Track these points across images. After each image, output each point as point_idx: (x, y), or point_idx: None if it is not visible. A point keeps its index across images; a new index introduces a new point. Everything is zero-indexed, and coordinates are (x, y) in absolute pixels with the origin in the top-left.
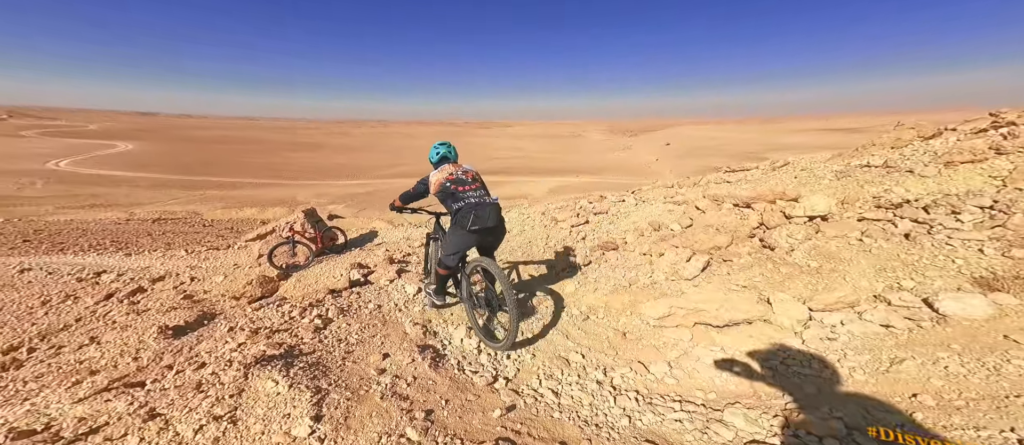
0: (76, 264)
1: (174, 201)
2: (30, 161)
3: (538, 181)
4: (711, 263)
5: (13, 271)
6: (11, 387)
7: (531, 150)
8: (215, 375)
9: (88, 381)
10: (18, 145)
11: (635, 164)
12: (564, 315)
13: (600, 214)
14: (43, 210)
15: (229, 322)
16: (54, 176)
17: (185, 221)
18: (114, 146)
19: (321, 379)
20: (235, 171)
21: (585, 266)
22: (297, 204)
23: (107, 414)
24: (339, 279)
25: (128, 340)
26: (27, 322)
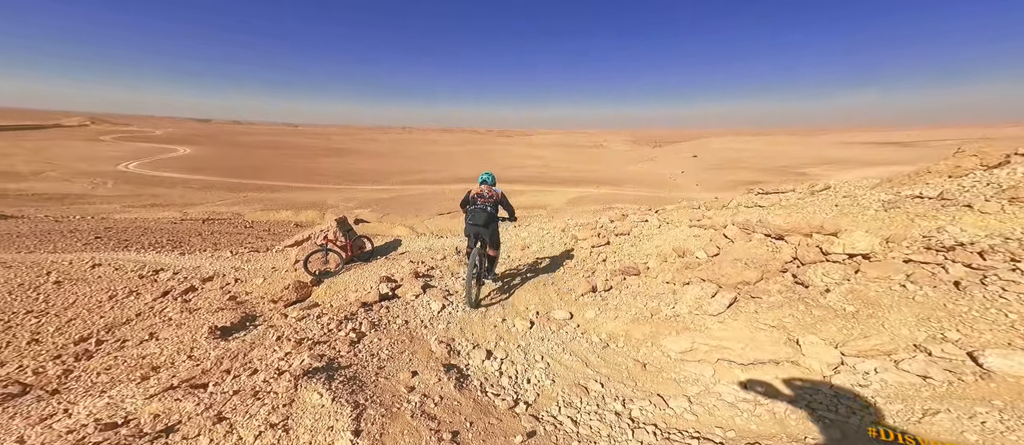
0: (138, 261)
1: (221, 202)
2: (104, 163)
3: (557, 191)
4: (738, 299)
5: (86, 266)
6: (85, 377)
7: (551, 159)
8: (267, 383)
9: (153, 378)
10: (96, 148)
11: (658, 176)
12: (583, 341)
13: (622, 235)
14: (112, 208)
15: (276, 331)
16: (123, 177)
17: (230, 222)
18: (174, 150)
19: (358, 393)
20: (275, 175)
21: (605, 291)
22: (327, 207)
23: (179, 414)
24: (370, 292)
25: (183, 338)
26: (96, 315)
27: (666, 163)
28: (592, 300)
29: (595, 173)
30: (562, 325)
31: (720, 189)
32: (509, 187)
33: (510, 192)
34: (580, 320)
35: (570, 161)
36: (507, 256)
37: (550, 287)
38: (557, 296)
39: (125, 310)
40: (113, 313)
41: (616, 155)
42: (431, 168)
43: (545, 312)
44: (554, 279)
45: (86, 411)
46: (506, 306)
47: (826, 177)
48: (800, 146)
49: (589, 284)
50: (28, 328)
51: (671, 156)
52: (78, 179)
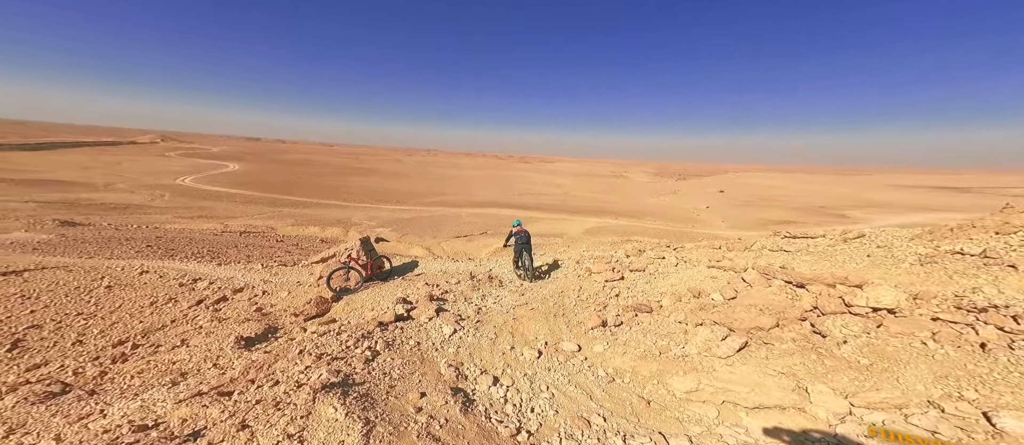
0: (181, 270)
1: (259, 216)
2: (165, 177)
3: (575, 220)
4: (750, 344)
5: (135, 272)
6: (119, 380)
7: (569, 188)
8: (288, 394)
9: (182, 383)
10: (161, 164)
11: (680, 210)
12: (589, 374)
13: (637, 271)
14: (165, 218)
15: (299, 345)
16: (178, 190)
17: (263, 235)
18: (226, 166)
19: (370, 410)
20: (306, 192)
21: (616, 326)
22: (351, 225)
23: (205, 419)
24: (386, 312)
25: (210, 346)
26: (136, 319)
27: (689, 197)
28: (602, 334)
29: (614, 204)
30: (570, 357)
31: (747, 227)
32: (527, 213)
33: (529, 219)
34: (588, 353)
35: (589, 190)
36: (520, 284)
37: (561, 318)
38: (567, 328)
39: (162, 316)
40: (151, 318)
41: (637, 186)
42: (450, 191)
43: (554, 343)
44: (565, 310)
45: (120, 412)
46: (515, 333)
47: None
48: (841, 185)
49: (599, 318)
50: (76, 329)
51: (695, 190)
52: (140, 191)
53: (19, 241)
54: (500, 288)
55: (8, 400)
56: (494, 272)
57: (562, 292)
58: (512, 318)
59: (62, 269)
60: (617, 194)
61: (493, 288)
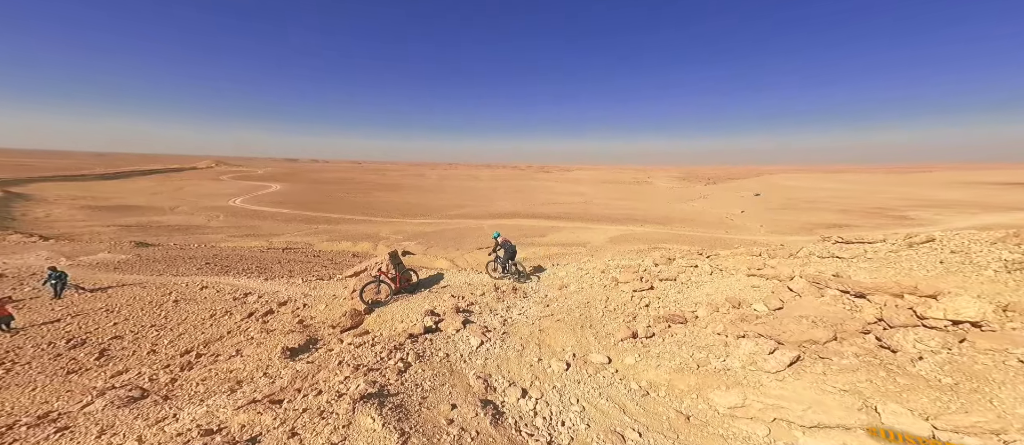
0: (234, 285)
1: (298, 233)
2: (220, 199)
3: (597, 229)
4: (803, 358)
5: (197, 288)
6: (187, 387)
7: (591, 195)
8: (330, 404)
9: (239, 391)
10: (216, 187)
11: (712, 216)
12: (621, 387)
13: (667, 281)
14: (220, 238)
15: (338, 355)
16: (230, 211)
17: (302, 251)
18: (269, 187)
19: (404, 421)
20: (339, 208)
21: (647, 338)
22: (380, 239)
23: (260, 426)
24: (416, 324)
25: (261, 356)
26: (198, 330)
27: (721, 201)
28: (632, 346)
29: (639, 211)
30: (599, 369)
31: (789, 232)
32: (548, 223)
33: (551, 229)
34: (619, 365)
35: (612, 198)
36: (544, 295)
37: (588, 330)
38: (595, 339)
39: (220, 327)
40: (211, 329)
41: (662, 192)
42: (471, 203)
43: (582, 355)
44: (592, 321)
45: (190, 417)
46: (542, 345)
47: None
48: (898, 184)
49: (629, 329)
50: (150, 340)
51: (727, 194)
52: (199, 213)
53: (103, 261)
54: (524, 299)
55: (98, 403)
56: (517, 283)
57: (588, 303)
58: (538, 329)
59: (138, 285)
60: (641, 201)
61: (517, 299)
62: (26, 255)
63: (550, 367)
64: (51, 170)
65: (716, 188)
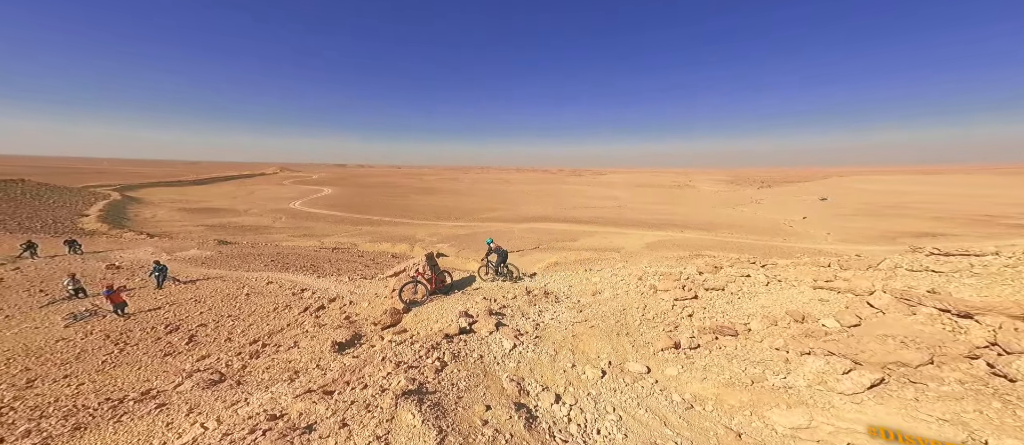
0: (293, 281)
1: (345, 234)
2: (282, 202)
3: (633, 234)
4: (888, 381)
5: (264, 283)
6: (255, 374)
7: (627, 200)
8: (375, 398)
9: (297, 380)
10: (279, 191)
11: (766, 222)
12: (661, 398)
13: (714, 290)
14: (281, 237)
15: (381, 352)
16: (290, 213)
17: (348, 251)
18: (322, 191)
19: (442, 419)
20: (380, 211)
21: (691, 349)
22: (416, 241)
23: (315, 415)
24: (451, 324)
25: (314, 349)
26: (264, 322)
27: (778, 206)
28: (674, 357)
29: (679, 216)
30: (638, 378)
31: (865, 241)
32: (579, 227)
33: (580, 233)
34: (659, 376)
35: (649, 202)
36: (577, 301)
37: (624, 338)
38: (632, 348)
39: (280, 320)
40: (274, 322)
41: (705, 196)
42: (502, 207)
43: (618, 363)
44: (628, 329)
45: (258, 402)
46: (576, 351)
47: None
48: (1011, 187)
49: (671, 339)
50: (227, 328)
51: (786, 198)
52: (266, 215)
53: (193, 257)
54: (556, 304)
55: (186, 385)
56: (549, 287)
57: (624, 310)
58: (571, 335)
59: (219, 279)
60: (683, 205)
61: (550, 304)
62: (137, 250)
63: (584, 374)
64: (155, 177)
65: (771, 192)
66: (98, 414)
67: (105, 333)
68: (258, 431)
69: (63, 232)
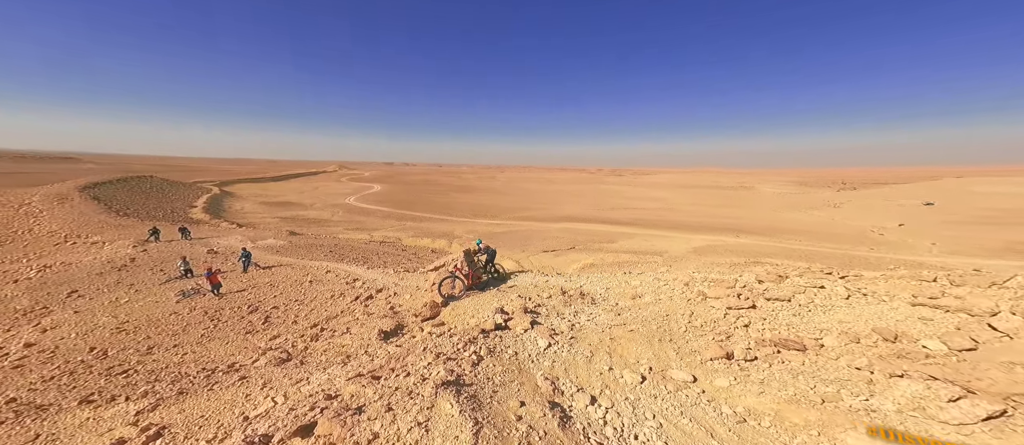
0: (347, 271)
1: (391, 229)
2: (340, 197)
3: (677, 237)
4: (1011, 414)
5: (323, 271)
6: (314, 356)
7: (673, 201)
8: (416, 386)
9: (349, 364)
10: (338, 187)
11: (846, 229)
12: (709, 409)
13: (776, 300)
14: (338, 230)
15: (422, 342)
16: (345, 208)
17: (393, 245)
18: (372, 188)
19: (478, 411)
20: (422, 207)
21: (747, 361)
22: (454, 238)
23: (364, 398)
24: (487, 320)
25: (363, 336)
26: (323, 308)
27: (862, 211)
28: (725, 367)
29: (735, 219)
30: (681, 387)
31: (983, 255)
32: (618, 229)
33: (619, 235)
34: (706, 386)
35: (699, 204)
36: (615, 304)
37: (667, 344)
38: (676, 355)
39: (336, 307)
40: (330, 308)
41: (767, 199)
42: (539, 206)
43: (660, 369)
44: (672, 336)
45: (317, 382)
46: (613, 354)
47: None
48: None
49: (722, 349)
50: (293, 312)
51: (873, 201)
52: (327, 209)
53: (270, 245)
54: (593, 306)
55: (261, 361)
56: (585, 289)
57: (667, 316)
58: (609, 338)
59: (289, 266)
60: (739, 208)
61: (585, 305)
62: (229, 237)
63: (622, 377)
64: (243, 174)
65: (855, 195)
66: (196, 381)
67: (204, 309)
68: (317, 409)
69: (178, 220)
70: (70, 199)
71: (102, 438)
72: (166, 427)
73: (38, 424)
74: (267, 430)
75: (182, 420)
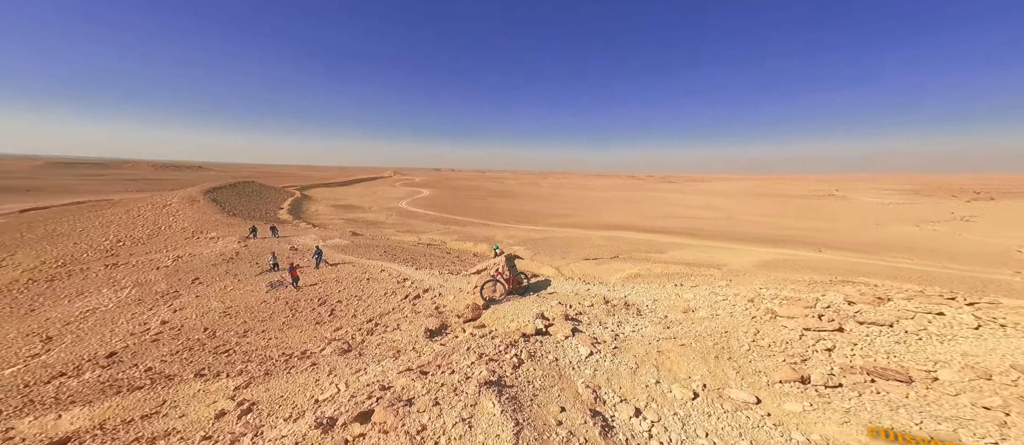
0: (398, 271)
1: (436, 232)
2: (393, 201)
3: (740, 250)
4: None
5: (378, 270)
6: (370, 349)
7: (735, 210)
8: (461, 383)
9: (400, 358)
10: (392, 191)
11: (980, 247)
12: (776, 434)
13: (873, 325)
14: (391, 232)
15: (466, 342)
16: (398, 211)
17: (438, 247)
18: (421, 192)
19: (518, 413)
20: (465, 212)
21: (827, 387)
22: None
23: (413, 391)
24: (528, 324)
25: (411, 333)
26: (378, 304)
27: (1004, 227)
28: (799, 392)
29: (817, 232)
30: (742, 407)
31: None
32: (669, 239)
33: (669, 245)
34: (772, 409)
35: (769, 214)
36: (664, 316)
37: (725, 362)
38: (736, 374)
39: (388, 304)
40: (383, 305)
41: (863, 209)
42: (580, 213)
43: (715, 387)
44: (731, 354)
45: (373, 373)
46: (661, 368)
47: None
48: None
49: (795, 372)
50: (353, 307)
51: (1020, 215)
52: (381, 212)
53: (336, 244)
54: (639, 317)
55: (327, 350)
56: (631, 299)
57: (726, 332)
58: (656, 351)
59: (350, 264)
60: (824, 220)
61: (630, 316)
62: (305, 237)
63: (671, 392)
64: (318, 179)
65: (993, 207)
66: (277, 364)
67: (285, 300)
68: (373, 398)
69: (269, 220)
70: (197, 201)
71: (209, 408)
72: (255, 404)
73: (165, 391)
74: (333, 413)
75: (267, 398)
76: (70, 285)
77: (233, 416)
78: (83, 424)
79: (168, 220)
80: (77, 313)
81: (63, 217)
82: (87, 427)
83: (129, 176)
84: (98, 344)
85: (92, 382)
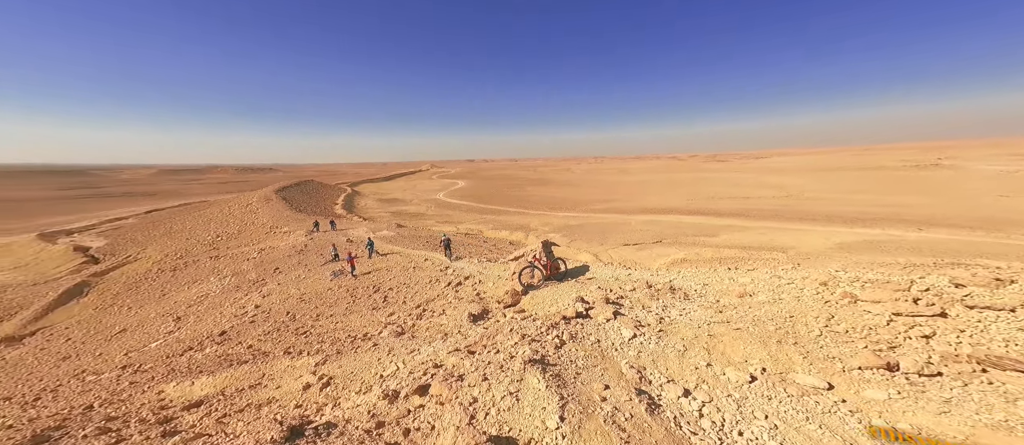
0: (438, 259)
1: (473, 222)
2: (431, 193)
3: (810, 230)
4: None
5: (422, 259)
6: (420, 332)
7: (801, 188)
8: (506, 362)
9: (448, 340)
10: (430, 184)
11: None
12: (853, 421)
13: (987, 310)
14: (431, 222)
15: (508, 324)
16: (436, 203)
17: (475, 237)
18: (457, 184)
19: (562, 389)
20: (499, 201)
21: (923, 376)
22: (530, 230)
23: (463, 368)
24: (568, 308)
25: (456, 317)
26: (424, 291)
27: None
28: (883, 379)
29: (916, 208)
30: (809, 393)
31: None
32: (722, 222)
33: (722, 227)
34: (848, 396)
35: (848, 191)
36: (715, 301)
37: (791, 347)
38: (803, 359)
39: (433, 291)
40: (429, 292)
41: (976, 180)
42: (618, 197)
43: (777, 371)
44: (797, 338)
45: (426, 353)
46: (712, 351)
47: None
48: None
49: (879, 359)
50: (403, 294)
51: None
52: (422, 204)
53: (385, 235)
54: (685, 301)
55: (385, 333)
56: (676, 284)
57: (792, 317)
58: (707, 334)
59: (398, 254)
60: (922, 194)
61: (676, 300)
62: (358, 230)
63: (724, 375)
64: (365, 175)
65: None
66: (345, 344)
67: (346, 287)
68: (428, 374)
69: (328, 215)
70: (271, 200)
71: (296, 382)
72: (332, 378)
73: (263, 366)
74: (396, 387)
75: (340, 374)
76: (187, 274)
77: (316, 389)
78: (210, 391)
79: (251, 217)
80: (194, 297)
81: (176, 217)
82: (213, 393)
83: (220, 179)
84: (212, 324)
85: (212, 356)
